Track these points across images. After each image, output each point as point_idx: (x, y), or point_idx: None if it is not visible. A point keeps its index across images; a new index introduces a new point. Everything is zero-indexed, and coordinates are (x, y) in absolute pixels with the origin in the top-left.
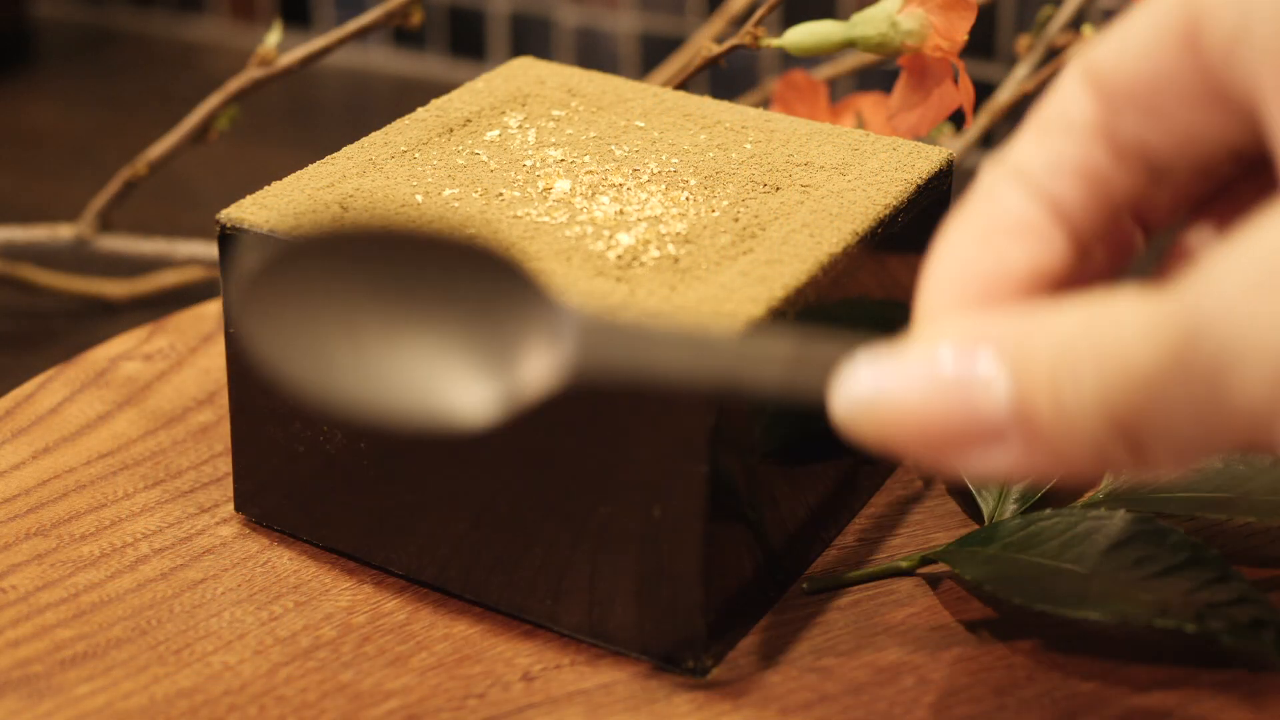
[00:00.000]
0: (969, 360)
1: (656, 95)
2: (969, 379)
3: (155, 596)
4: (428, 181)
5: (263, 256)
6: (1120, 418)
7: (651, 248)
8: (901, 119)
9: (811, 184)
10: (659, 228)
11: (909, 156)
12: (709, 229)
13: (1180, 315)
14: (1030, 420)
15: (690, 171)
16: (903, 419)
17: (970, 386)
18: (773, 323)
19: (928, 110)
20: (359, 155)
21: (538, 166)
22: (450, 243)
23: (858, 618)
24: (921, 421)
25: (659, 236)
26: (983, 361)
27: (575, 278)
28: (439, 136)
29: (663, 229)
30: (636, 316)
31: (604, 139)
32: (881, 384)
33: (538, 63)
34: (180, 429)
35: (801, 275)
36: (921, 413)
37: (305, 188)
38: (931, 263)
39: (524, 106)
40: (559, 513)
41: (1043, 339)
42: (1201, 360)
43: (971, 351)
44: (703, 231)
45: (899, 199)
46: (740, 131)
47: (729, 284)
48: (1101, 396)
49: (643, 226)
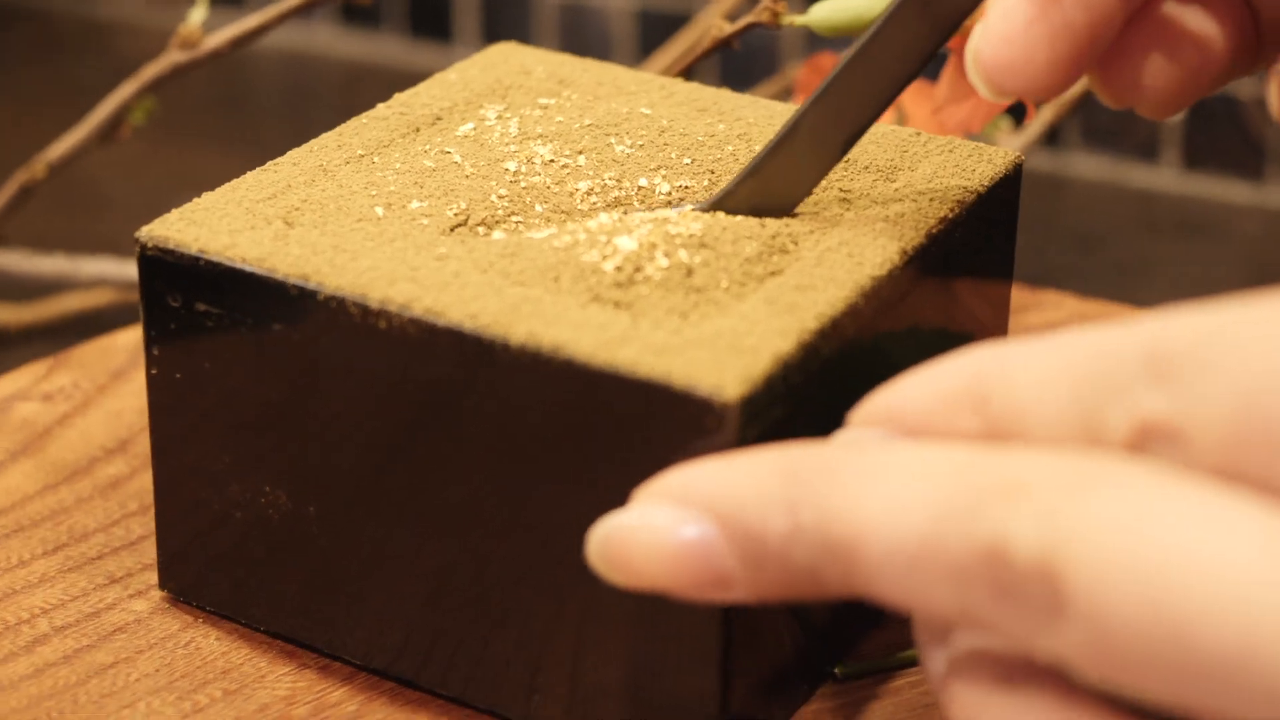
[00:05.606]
0: (678, 524)
1: (665, 87)
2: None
3: (57, 684)
4: (390, 191)
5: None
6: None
7: (659, 254)
8: (950, 112)
9: (851, 192)
10: (667, 228)
11: (968, 159)
12: (729, 231)
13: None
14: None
15: (707, 169)
16: (633, 575)
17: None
18: (804, 361)
19: (981, 102)
20: (307, 160)
21: (521, 167)
22: None
23: (898, 709)
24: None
25: (667, 239)
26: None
27: (564, 306)
28: (403, 137)
29: (672, 229)
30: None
31: (602, 129)
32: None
33: (521, 48)
34: (86, 484)
35: (839, 303)
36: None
37: (242, 199)
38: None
39: (504, 99)
40: (536, 583)
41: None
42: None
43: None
44: (722, 234)
45: (957, 211)
46: (767, 126)
47: (751, 314)
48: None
49: (647, 228)
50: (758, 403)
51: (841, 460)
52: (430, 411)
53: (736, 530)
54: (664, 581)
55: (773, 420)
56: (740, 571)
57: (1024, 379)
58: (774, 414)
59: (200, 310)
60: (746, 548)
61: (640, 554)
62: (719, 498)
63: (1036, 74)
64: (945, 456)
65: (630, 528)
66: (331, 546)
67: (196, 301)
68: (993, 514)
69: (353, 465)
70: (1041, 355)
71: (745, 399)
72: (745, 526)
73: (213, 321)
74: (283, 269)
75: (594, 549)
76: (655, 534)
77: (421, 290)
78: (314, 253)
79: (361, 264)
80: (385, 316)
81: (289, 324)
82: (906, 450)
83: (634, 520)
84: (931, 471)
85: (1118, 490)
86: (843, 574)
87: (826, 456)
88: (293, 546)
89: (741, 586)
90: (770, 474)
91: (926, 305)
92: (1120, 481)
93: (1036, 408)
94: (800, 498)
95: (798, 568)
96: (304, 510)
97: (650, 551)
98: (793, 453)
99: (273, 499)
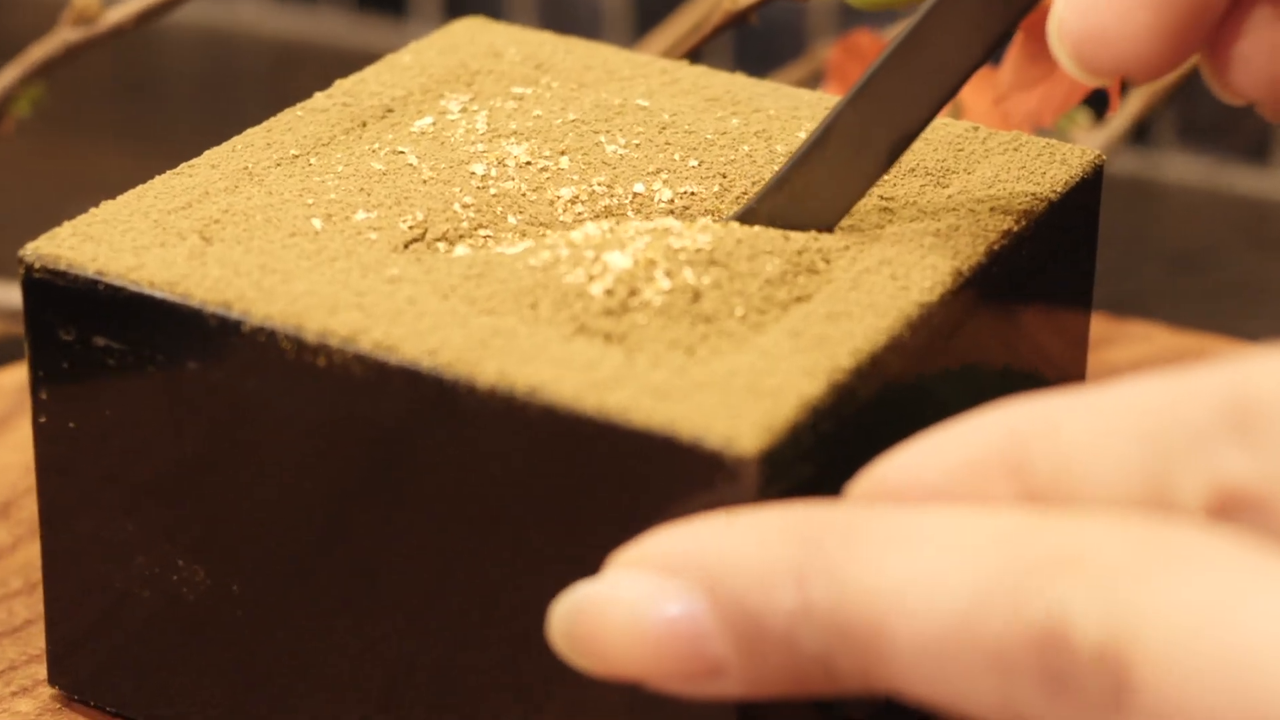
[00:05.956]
0: (660, 597)
1: (666, 72)
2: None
3: None
4: (330, 199)
5: None
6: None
7: (658, 273)
8: (1016, 102)
9: (895, 200)
10: (669, 241)
11: (1037, 160)
12: (745, 245)
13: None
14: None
15: (718, 173)
16: (603, 660)
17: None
18: (836, 406)
19: (1054, 89)
20: (229, 161)
21: (491, 170)
22: None
23: None
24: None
25: (669, 255)
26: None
27: (543, 340)
28: (346, 134)
29: (675, 243)
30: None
31: (589, 125)
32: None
33: (491, 25)
34: None
35: (879, 336)
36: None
37: (150, 209)
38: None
39: (470, 88)
40: (511, 681)
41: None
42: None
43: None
44: (736, 249)
45: (1024, 223)
46: (790, 120)
47: (772, 349)
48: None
49: (644, 241)
50: (780, 458)
51: (863, 522)
52: (380, 469)
53: (731, 606)
54: (640, 669)
55: (799, 480)
56: (734, 658)
57: (1075, 438)
58: (800, 472)
59: (99, 345)
60: (743, 628)
61: (612, 633)
62: (712, 565)
63: (1136, 45)
64: (989, 521)
65: (601, 600)
66: (259, 635)
67: (94, 335)
68: (1048, 591)
69: (285, 535)
70: (1096, 409)
71: (765, 454)
72: (742, 602)
73: (114, 359)
74: (199, 295)
75: (557, 626)
76: (631, 609)
77: (369, 320)
78: (237, 275)
79: (295, 288)
80: (325, 353)
81: (207, 362)
82: (942, 513)
83: (606, 591)
84: (973, 539)
85: (1196, 565)
86: (861, 663)
87: (844, 518)
88: (212, 635)
89: (735, 677)
90: (775, 537)
91: (986, 339)
92: (1198, 555)
93: (1091, 469)
94: (811, 568)
95: (805, 655)
96: (226, 590)
97: (624, 631)
98: (803, 512)
99: (187, 576)
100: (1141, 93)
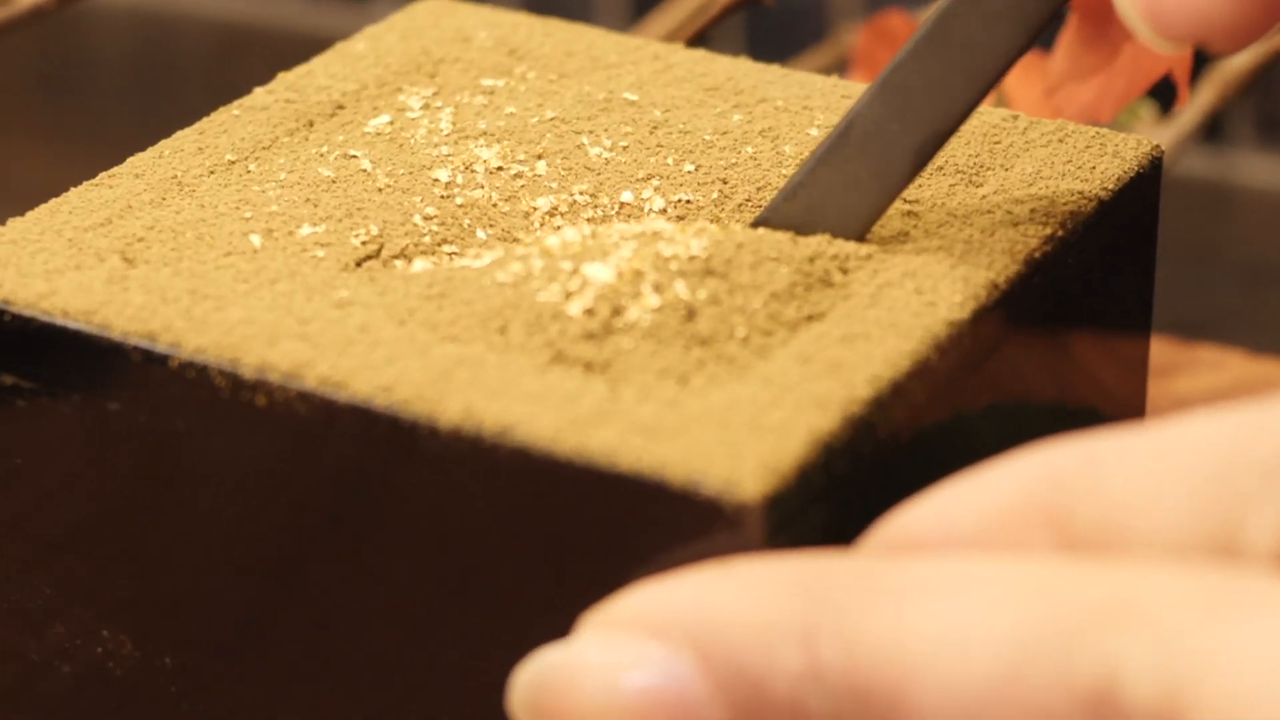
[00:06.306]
0: (637, 663)
1: (659, 58)
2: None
3: None
4: (271, 212)
5: None
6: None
7: (646, 287)
8: (1070, 93)
9: (920, 202)
10: (659, 248)
11: (1085, 153)
12: (748, 251)
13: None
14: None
15: (717, 178)
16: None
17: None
18: (853, 443)
19: (1114, 78)
20: (156, 169)
21: (457, 177)
22: None
23: None
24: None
25: (659, 264)
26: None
27: (514, 370)
28: (290, 135)
29: (666, 249)
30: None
31: (569, 124)
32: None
33: (458, 6)
34: None
35: (903, 360)
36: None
37: (64, 226)
38: None
39: (433, 80)
40: None
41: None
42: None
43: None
44: (737, 256)
45: (1070, 227)
46: (802, 113)
47: (779, 377)
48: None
49: (630, 248)
50: (788, 504)
51: (879, 573)
52: (330, 522)
53: (725, 670)
54: None
55: (809, 529)
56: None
57: (1125, 483)
58: (812, 519)
59: (7, 384)
60: (739, 695)
61: (581, 707)
62: (702, 624)
63: (1220, 6)
64: (1029, 570)
65: (568, 669)
66: (195, 712)
67: (2, 372)
68: (1099, 643)
69: (224, 599)
70: (1149, 450)
71: (770, 499)
72: (739, 665)
73: (25, 399)
74: (120, 325)
75: (518, 699)
76: (603, 677)
77: (315, 352)
78: (164, 301)
79: (231, 316)
80: (264, 390)
81: (131, 402)
82: (974, 562)
83: (575, 657)
84: (1012, 589)
85: (1261, 616)
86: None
87: (856, 567)
88: (141, 712)
89: None
90: (776, 591)
91: (1026, 364)
92: (1264, 605)
93: (1142, 517)
94: (820, 624)
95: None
96: (157, 662)
97: (595, 703)
98: (807, 563)
99: (113, 648)
100: (1214, 83)
